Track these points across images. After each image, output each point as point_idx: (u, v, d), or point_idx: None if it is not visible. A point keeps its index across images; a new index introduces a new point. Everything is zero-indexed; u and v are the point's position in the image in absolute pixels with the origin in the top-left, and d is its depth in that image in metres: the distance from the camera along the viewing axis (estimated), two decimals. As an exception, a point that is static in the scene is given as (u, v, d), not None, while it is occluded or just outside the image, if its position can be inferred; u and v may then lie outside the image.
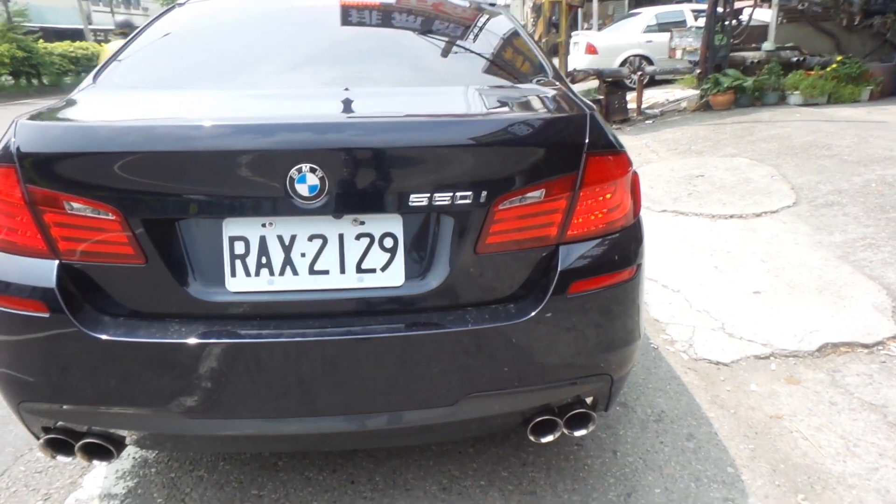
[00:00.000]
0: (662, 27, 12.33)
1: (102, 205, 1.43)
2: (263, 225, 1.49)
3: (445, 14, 2.47)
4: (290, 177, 1.41)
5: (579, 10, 16.18)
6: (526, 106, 1.73)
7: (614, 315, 1.65)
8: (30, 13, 20.25)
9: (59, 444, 1.61)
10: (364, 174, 1.46)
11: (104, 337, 1.46)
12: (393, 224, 1.51)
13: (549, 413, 1.69)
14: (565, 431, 1.73)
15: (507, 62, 2.20)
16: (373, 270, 1.53)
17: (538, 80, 1.99)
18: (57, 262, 1.47)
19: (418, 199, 1.47)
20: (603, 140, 1.60)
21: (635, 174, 1.72)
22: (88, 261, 1.48)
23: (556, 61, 9.49)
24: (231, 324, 1.51)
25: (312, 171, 1.41)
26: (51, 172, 1.44)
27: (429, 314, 1.55)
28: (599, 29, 17.15)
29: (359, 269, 1.52)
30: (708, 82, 8.64)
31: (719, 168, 5.73)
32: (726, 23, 8.77)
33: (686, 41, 9.98)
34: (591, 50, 12.45)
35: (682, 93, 10.64)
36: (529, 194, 1.52)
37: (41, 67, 19.51)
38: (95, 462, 1.64)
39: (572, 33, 12.49)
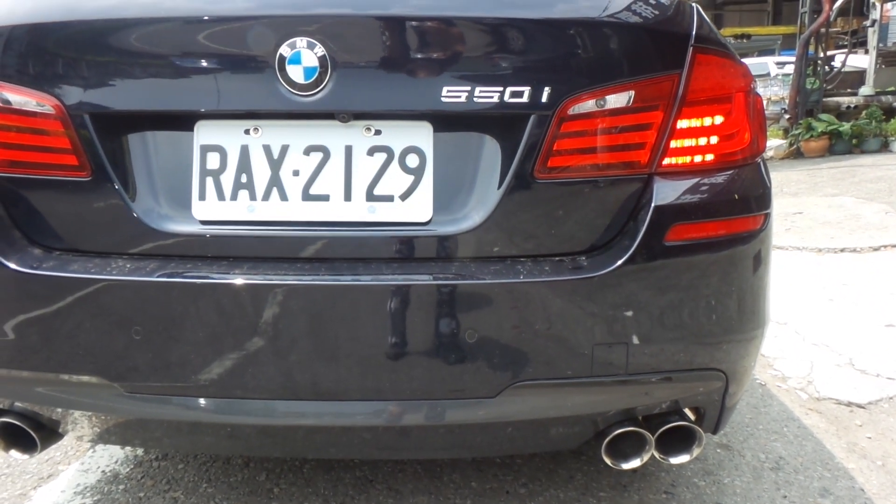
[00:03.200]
0: (744, 79, 11.79)
1: (41, 95, 1.09)
2: (247, 131, 1.11)
3: None
4: (281, 55, 1.03)
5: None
6: None
7: (733, 281, 1.15)
8: None
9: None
10: (382, 58, 1.06)
11: (28, 271, 1.08)
12: (420, 134, 1.09)
13: (633, 424, 1.17)
14: (657, 455, 1.21)
15: None
16: (389, 198, 1.10)
17: None
18: (-18, 174, 1.13)
19: (455, 97, 1.05)
20: (716, 37, 1.16)
21: (758, 97, 1.24)
22: (21, 172, 1.13)
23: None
24: (194, 263, 1.11)
25: (310, 46, 1.03)
26: None
27: (464, 263, 1.10)
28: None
29: (370, 196, 1.10)
30: (799, 128, 7.97)
31: (820, 206, 5.08)
32: (818, 67, 8.18)
33: (771, 90, 9.42)
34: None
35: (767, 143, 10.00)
36: (611, 97, 1.08)
37: None
38: (14, 453, 1.23)
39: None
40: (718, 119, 1.15)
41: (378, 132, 1.10)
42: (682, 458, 1.22)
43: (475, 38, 1.08)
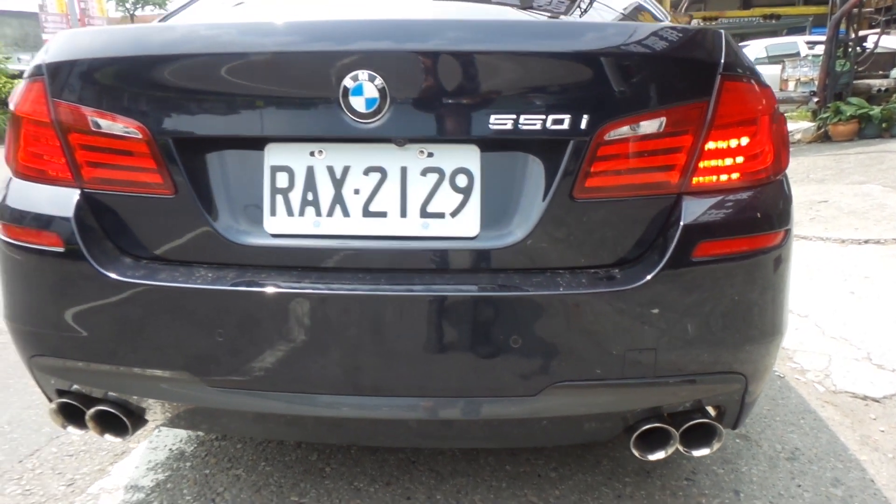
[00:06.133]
0: (773, 59, 11.58)
1: (130, 121, 1.22)
2: (312, 153, 1.23)
3: None
4: (344, 86, 1.14)
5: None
6: (642, 12, 1.40)
7: (754, 292, 1.25)
8: None
9: (73, 411, 1.38)
10: (435, 89, 1.17)
11: (120, 279, 1.22)
12: (469, 157, 1.21)
13: (659, 420, 1.29)
14: (681, 448, 1.33)
15: None
16: (441, 215, 1.22)
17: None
18: (78, 190, 1.27)
19: (502, 125, 1.16)
20: (742, 63, 1.24)
21: (782, 116, 1.33)
22: (112, 190, 1.27)
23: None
24: (267, 272, 1.24)
25: (371, 79, 1.14)
26: (77, 84, 1.25)
27: (508, 275, 1.22)
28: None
29: (423, 213, 1.22)
30: (827, 111, 7.88)
31: (846, 195, 5.07)
32: (850, 48, 8.03)
33: (801, 71, 9.26)
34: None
35: (795, 125, 9.83)
36: (645, 124, 1.18)
37: None
38: (108, 437, 1.39)
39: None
40: (744, 140, 1.24)
41: (430, 154, 1.22)
42: (703, 452, 1.34)
43: (519, 70, 1.19)
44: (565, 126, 1.16)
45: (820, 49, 8.70)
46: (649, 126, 1.18)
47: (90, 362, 1.30)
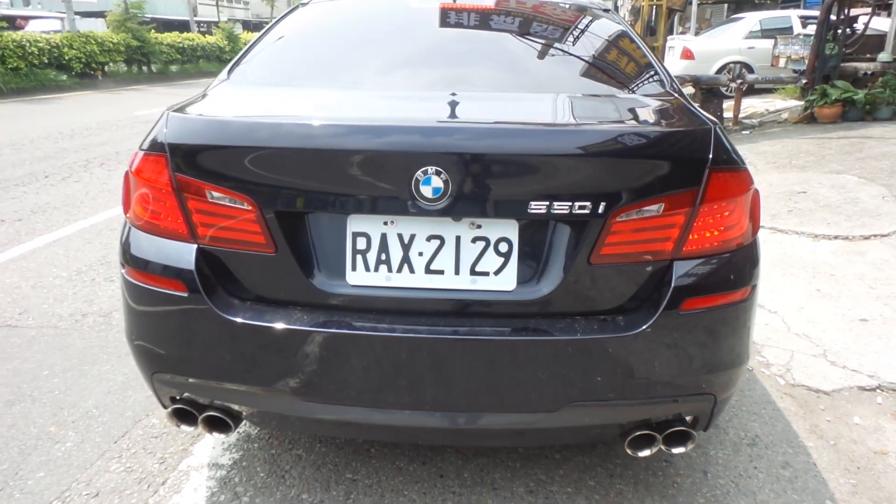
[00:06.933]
0: (766, 33, 11.78)
1: (240, 195, 1.54)
2: (385, 223, 1.56)
3: (559, 18, 2.48)
4: (416, 178, 1.47)
5: (677, 14, 15.66)
6: (648, 117, 1.73)
7: (724, 335, 1.63)
8: (146, 6, 21.49)
9: (184, 413, 1.75)
10: (485, 179, 1.50)
11: (233, 318, 1.57)
12: (509, 229, 1.55)
13: (648, 428, 1.69)
14: (663, 448, 1.72)
15: (625, 69, 2.19)
16: (486, 273, 1.57)
17: (657, 90, 1.98)
18: (196, 245, 1.60)
19: (536, 207, 1.50)
20: (726, 156, 1.58)
21: (756, 193, 1.68)
22: (224, 247, 1.60)
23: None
24: (349, 315, 1.59)
25: (438, 173, 1.46)
26: (195, 162, 1.56)
27: (538, 320, 1.58)
28: (696, 33, 16.56)
29: (472, 272, 1.57)
30: (814, 93, 8.19)
31: (824, 185, 5.45)
32: (839, 31, 8.27)
33: (792, 49, 9.48)
34: (688, 55, 12.04)
35: (784, 103, 10.15)
36: (648, 208, 1.52)
37: (151, 56, 20.71)
38: (215, 434, 1.77)
39: (669, 37, 12.12)
40: (726, 215, 1.59)
41: (479, 226, 1.56)
42: (680, 450, 1.74)
43: (552, 166, 1.52)
44: (587, 210, 1.50)
45: (812, 28, 8.91)
46: (652, 209, 1.53)
47: (203, 379, 1.66)
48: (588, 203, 1.50)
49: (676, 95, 1.93)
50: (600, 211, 1.50)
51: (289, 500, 1.99)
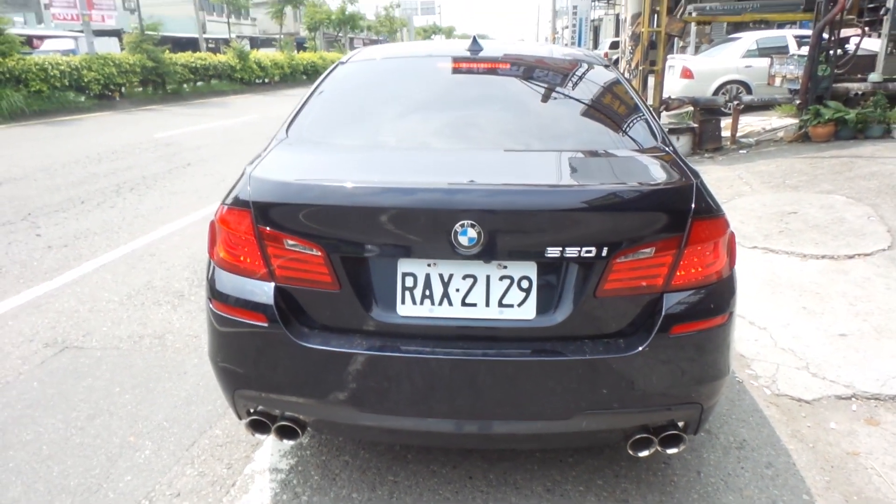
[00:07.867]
0: (763, 52, 12.18)
1: (311, 243, 1.90)
2: (429, 265, 1.92)
3: (565, 75, 2.85)
4: (455, 230, 1.83)
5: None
6: (641, 175, 2.09)
7: (707, 353, 1.98)
8: (162, 27, 21.55)
9: (258, 424, 2.10)
10: (510, 230, 1.86)
11: (305, 344, 1.92)
12: (529, 269, 1.90)
13: (646, 432, 2.03)
14: (659, 449, 2.06)
15: (623, 125, 2.55)
16: (511, 305, 1.92)
17: (650, 145, 2.33)
18: (274, 284, 1.96)
19: (552, 252, 1.86)
20: (706, 206, 1.93)
21: (732, 234, 2.03)
22: (297, 285, 1.95)
23: (650, 89, 9.64)
24: (399, 341, 1.95)
25: (472, 226, 1.82)
26: (274, 216, 1.92)
27: (553, 343, 1.93)
28: (696, 50, 16.96)
29: (500, 304, 1.92)
30: (808, 113, 8.55)
31: (814, 205, 5.78)
32: (831, 52, 8.64)
33: (787, 69, 9.86)
34: (687, 74, 12.45)
35: (780, 121, 10.51)
36: (642, 251, 1.88)
37: (166, 76, 20.85)
38: (286, 441, 2.12)
39: (668, 57, 12.52)
40: (706, 254, 1.94)
41: (505, 267, 1.91)
42: (674, 451, 2.08)
43: (564, 220, 1.87)
44: (592, 254, 1.85)
45: (807, 49, 9.27)
46: (645, 252, 1.88)
47: (278, 394, 2.02)
48: (593, 248, 1.85)
49: (667, 150, 2.29)
50: (604, 254, 1.86)
51: (341, 499, 2.33)
